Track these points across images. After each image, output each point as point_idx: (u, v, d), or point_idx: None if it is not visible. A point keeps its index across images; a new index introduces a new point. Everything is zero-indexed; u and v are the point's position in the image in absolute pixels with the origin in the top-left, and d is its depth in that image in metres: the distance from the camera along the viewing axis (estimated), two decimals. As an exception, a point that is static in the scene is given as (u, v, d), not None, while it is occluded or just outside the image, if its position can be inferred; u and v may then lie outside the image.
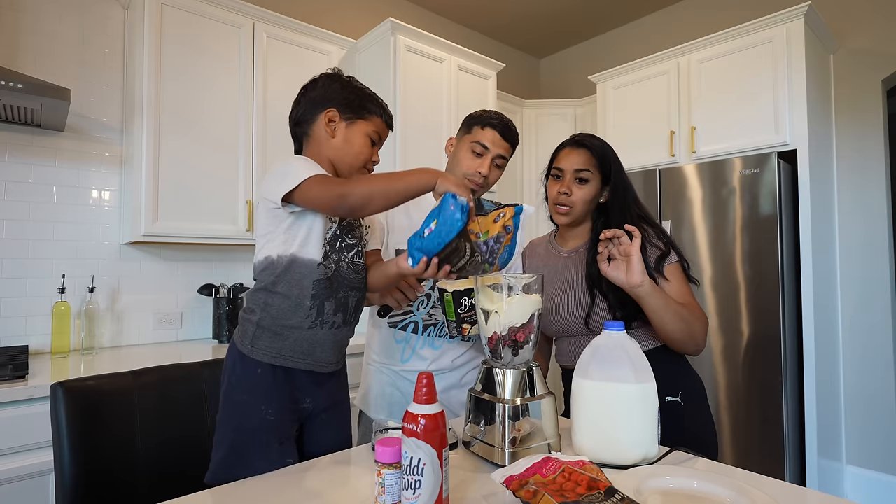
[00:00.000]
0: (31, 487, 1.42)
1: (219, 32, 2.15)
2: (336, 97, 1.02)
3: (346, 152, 1.02)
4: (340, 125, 1.02)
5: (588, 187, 1.20)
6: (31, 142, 1.96)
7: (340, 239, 0.99)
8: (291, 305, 0.93)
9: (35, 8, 1.99)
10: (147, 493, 0.96)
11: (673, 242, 1.18)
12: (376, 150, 1.07)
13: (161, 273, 2.25)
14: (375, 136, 1.05)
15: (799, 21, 2.27)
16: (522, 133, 3.50)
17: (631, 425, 0.85)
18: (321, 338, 0.95)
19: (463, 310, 1.10)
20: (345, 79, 1.06)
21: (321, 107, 1.02)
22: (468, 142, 1.25)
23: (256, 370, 0.93)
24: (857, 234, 2.55)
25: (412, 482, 0.65)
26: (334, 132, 1.02)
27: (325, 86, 1.04)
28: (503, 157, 1.26)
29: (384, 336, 1.28)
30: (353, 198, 0.86)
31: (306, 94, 1.05)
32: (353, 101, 1.03)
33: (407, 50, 2.47)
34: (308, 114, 1.03)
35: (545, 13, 3.49)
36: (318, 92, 1.03)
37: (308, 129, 1.03)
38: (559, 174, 1.23)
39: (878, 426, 2.45)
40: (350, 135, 1.02)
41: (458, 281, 1.11)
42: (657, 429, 0.86)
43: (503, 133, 1.24)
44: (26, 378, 1.51)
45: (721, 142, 2.50)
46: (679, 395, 1.10)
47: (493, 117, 1.25)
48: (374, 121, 1.04)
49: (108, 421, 0.96)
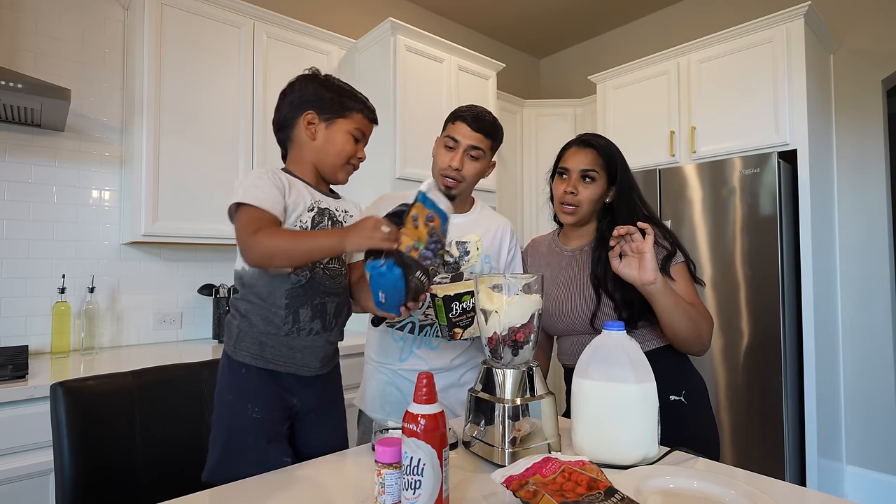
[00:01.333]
0: (31, 487, 1.42)
1: (219, 32, 2.15)
2: (313, 98, 1.01)
3: (328, 153, 1.01)
4: (320, 126, 1.01)
5: (594, 187, 1.20)
6: (31, 142, 1.96)
7: None
8: (266, 314, 0.93)
9: (35, 8, 1.99)
10: (147, 493, 0.96)
11: (679, 242, 1.18)
12: (361, 147, 1.05)
13: (161, 273, 2.25)
14: (358, 133, 1.03)
15: (799, 21, 2.27)
16: (522, 133, 3.50)
17: (631, 425, 0.85)
18: (300, 344, 0.96)
19: (454, 314, 1.09)
20: (321, 78, 1.04)
21: (299, 110, 1.01)
22: (442, 137, 1.27)
23: (241, 370, 0.93)
24: (857, 233, 2.55)
25: (412, 482, 0.65)
26: (314, 134, 1.00)
27: (301, 88, 1.02)
28: (477, 148, 1.24)
29: (382, 336, 1.28)
30: (254, 253, 0.85)
31: (285, 98, 1.03)
32: (331, 100, 1.01)
33: (407, 50, 2.47)
34: (288, 118, 1.02)
35: (545, 13, 3.49)
36: (295, 95, 1.02)
37: (290, 133, 1.02)
38: (565, 173, 1.23)
39: (878, 426, 2.45)
40: (330, 135, 1.01)
41: (449, 285, 1.11)
42: (657, 429, 0.86)
43: (472, 124, 1.23)
44: (26, 378, 1.51)
45: (721, 142, 2.49)
46: (682, 394, 1.10)
47: (464, 110, 1.26)
48: (354, 118, 1.02)
49: (108, 421, 0.96)
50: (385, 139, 2.39)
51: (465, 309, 1.10)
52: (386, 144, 2.40)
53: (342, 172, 1.05)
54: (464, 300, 1.09)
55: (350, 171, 1.06)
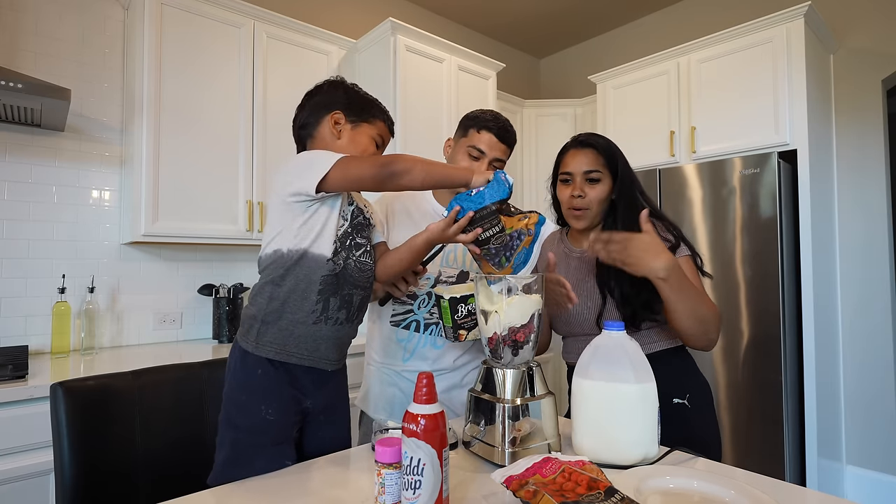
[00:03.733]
0: (31, 487, 1.42)
1: (219, 32, 2.15)
2: (341, 101, 1.06)
3: (351, 152, 1.03)
4: (346, 127, 1.05)
5: (600, 187, 1.17)
6: (31, 142, 1.96)
7: (351, 237, 1.00)
8: (298, 299, 0.93)
9: (35, 8, 1.99)
10: (147, 493, 0.96)
11: (683, 236, 1.16)
12: (380, 154, 1.09)
13: (161, 273, 2.25)
14: (379, 140, 1.08)
15: (799, 21, 2.27)
16: (522, 133, 3.50)
17: (631, 425, 0.85)
18: (325, 334, 0.95)
19: (459, 316, 1.09)
20: (348, 85, 1.10)
21: (326, 110, 1.05)
22: (465, 145, 1.23)
23: (257, 371, 0.92)
24: (857, 234, 2.55)
25: (412, 482, 0.65)
26: (340, 133, 1.05)
27: (330, 91, 1.08)
28: (500, 161, 1.23)
29: (385, 336, 1.28)
30: (399, 164, 0.90)
31: (311, 98, 1.08)
32: (358, 105, 1.06)
33: (407, 50, 2.47)
34: (313, 117, 1.06)
35: (545, 13, 3.49)
36: (322, 97, 1.07)
37: (313, 131, 1.06)
38: (568, 178, 1.20)
39: (878, 426, 2.45)
40: (355, 136, 1.05)
41: (455, 287, 1.11)
42: (657, 429, 0.86)
43: (499, 135, 1.21)
44: (26, 378, 1.51)
45: (721, 142, 2.50)
46: (686, 397, 1.10)
47: (489, 119, 1.22)
48: (377, 125, 1.08)
49: (108, 421, 0.96)
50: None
51: (471, 311, 1.09)
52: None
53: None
54: (469, 302, 1.09)
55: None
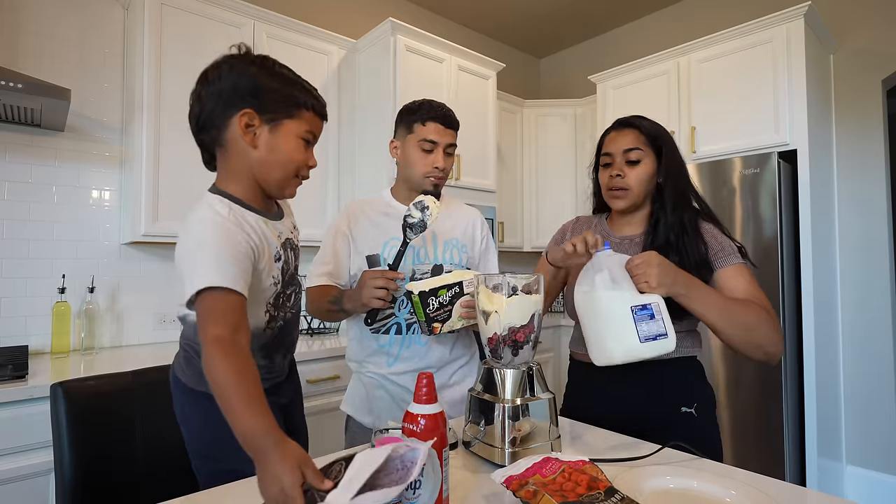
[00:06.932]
0: (31, 487, 1.42)
1: (219, 32, 2.15)
2: (250, 90, 0.78)
3: (273, 164, 0.81)
4: (262, 130, 0.80)
5: (642, 167, 1.11)
6: (31, 142, 1.96)
7: (283, 295, 0.89)
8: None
9: (35, 8, 1.99)
10: (147, 493, 0.96)
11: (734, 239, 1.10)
12: (312, 152, 0.86)
13: (161, 273, 2.25)
14: (309, 136, 0.84)
15: (799, 21, 2.27)
16: (522, 133, 3.49)
17: (615, 324, 0.93)
18: (277, 366, 0.97)
19: (431, 309, 1.09)
20: (258, 60, 0.80)
21: (233, 107, 0.78)
22: (413, 141, 1.25)
23: (206, 406, 0.83)
24: (857, 234, 2.55)
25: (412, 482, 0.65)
26: (255, 140, 0.80)
27: (233, 75, 0.78)
28: (452, 145, 1.27)
29: (366, 345, 1.27)
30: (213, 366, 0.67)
31: (208, 86, 0.79)
32: (275, 94, 0.79)
33: (407, 50, 2.47)
34: (216, 116, 0.80)
35: (545, 13, 3.49)
36: (224, 84, 0.78)
37: (220, 136, 0.81)
38: (609, 161, 1.16)
39: (878, 426, 2.45)
40: (275, 142, 0.80)
41: (423, 281, 1.11)
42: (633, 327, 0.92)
43: (445, 122, 1.25)
44: (26, 378, 1.51)
45: (721, 142, 2.49)
46: (694, 407, 1.10)
47: (430, 109, 1.25)
48: (304, 117, 0.82)
49: (108, 421, 0.96)
50: (385, 139, 2.39)
51: (442, 303, 1.09)
52: (386, 144, 2.39)
53: (291, 187, 0.86)
54: (440, 294, 1.09)
55: (299, 183, 0.87)
